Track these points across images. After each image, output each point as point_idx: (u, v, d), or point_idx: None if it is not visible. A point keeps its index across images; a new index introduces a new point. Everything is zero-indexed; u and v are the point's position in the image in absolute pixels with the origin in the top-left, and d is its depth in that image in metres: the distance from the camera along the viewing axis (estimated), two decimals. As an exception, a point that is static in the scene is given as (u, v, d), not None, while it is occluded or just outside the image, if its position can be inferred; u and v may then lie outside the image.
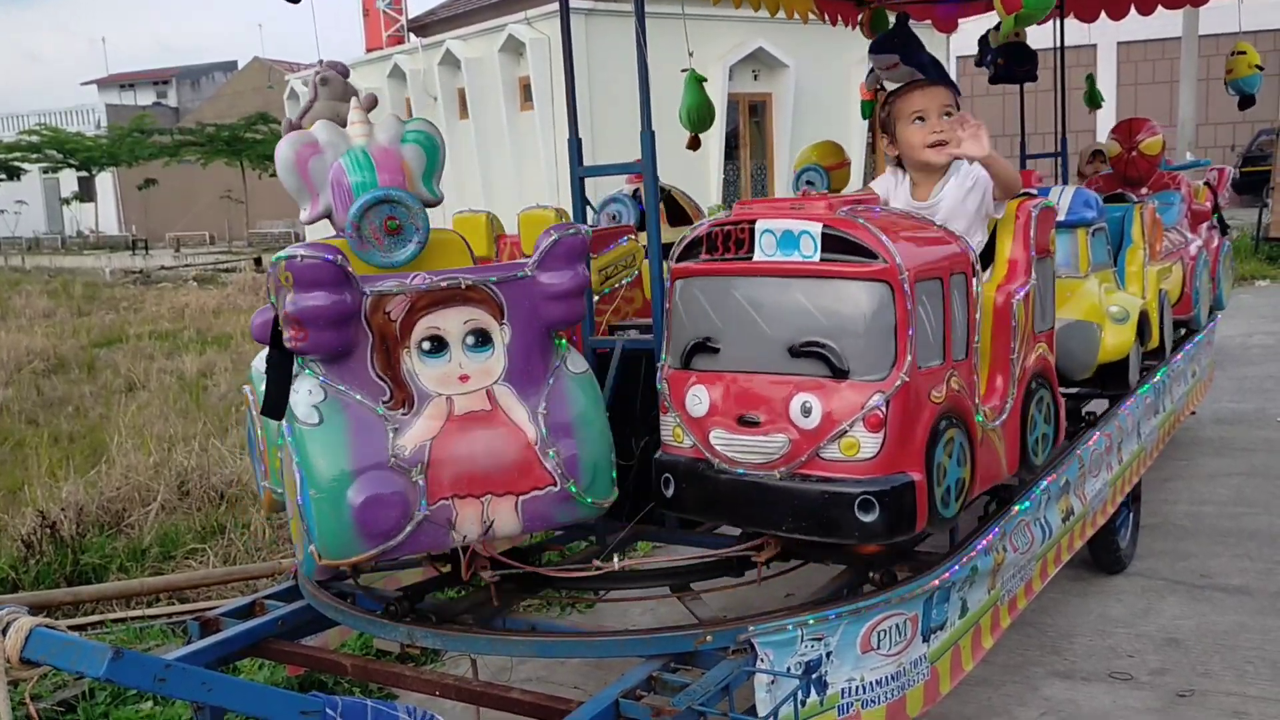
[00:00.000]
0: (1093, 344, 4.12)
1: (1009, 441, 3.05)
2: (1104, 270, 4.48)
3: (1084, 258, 4.30)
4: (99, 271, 27.47)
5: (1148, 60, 26.59)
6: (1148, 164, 5.96)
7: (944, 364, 2.66)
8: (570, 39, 3.45)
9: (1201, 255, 5.76)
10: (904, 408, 2.51)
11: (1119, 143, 6.01)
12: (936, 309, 2.64)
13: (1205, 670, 3.81)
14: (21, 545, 5.17)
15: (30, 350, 12.18)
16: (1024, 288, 3.15)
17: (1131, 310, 4.32)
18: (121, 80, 59.47)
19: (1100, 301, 4.23)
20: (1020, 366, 3.10)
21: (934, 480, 2.59)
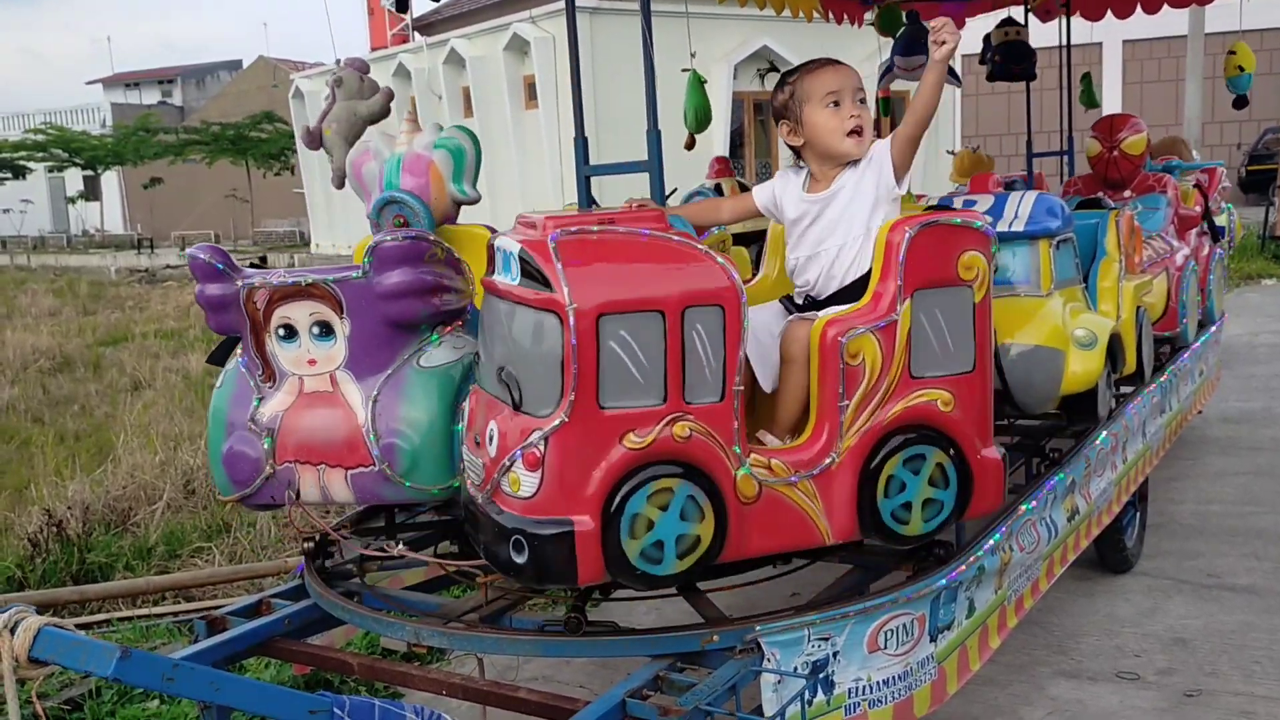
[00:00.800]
0: (1054, 373, 3.66)
1: (835, 501, 2.59)
2: (1071, 287, 4.01)
3: (1046, 273, 3.83)
4: (104, 270, 27.53)
5: (1153, 58, 26.53)
6: (1130, 164, 5.59)
7: (663, 406, 2.34)
8: (576, 38, 3.45)
9: (1189, 265, 5.33)
10: (567, 449, 2.30)
11: (1099, 141, 5.62)
12: (652, 346, 2.33)
13: (1213, 670, 3.80)
14: (28, 544, 5.19)
15: (36, 349, 12.21)
16: (873, 325, 2.58)
17: (1100, 333, 3.81)
18: (127, 79, 59.58)
19: (1065, 324, 3.75)
20: (867, 416, 2.58)
21: (623, 531, 2.33)
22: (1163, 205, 5.51)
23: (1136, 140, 5.54)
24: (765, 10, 6.24)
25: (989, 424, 2.76)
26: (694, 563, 2.42)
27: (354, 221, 25.58)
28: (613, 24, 16.88)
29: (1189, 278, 5.28)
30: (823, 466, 2.54)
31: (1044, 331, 3.67)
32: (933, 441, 2.62)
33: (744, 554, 2.53)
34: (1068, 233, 3.95)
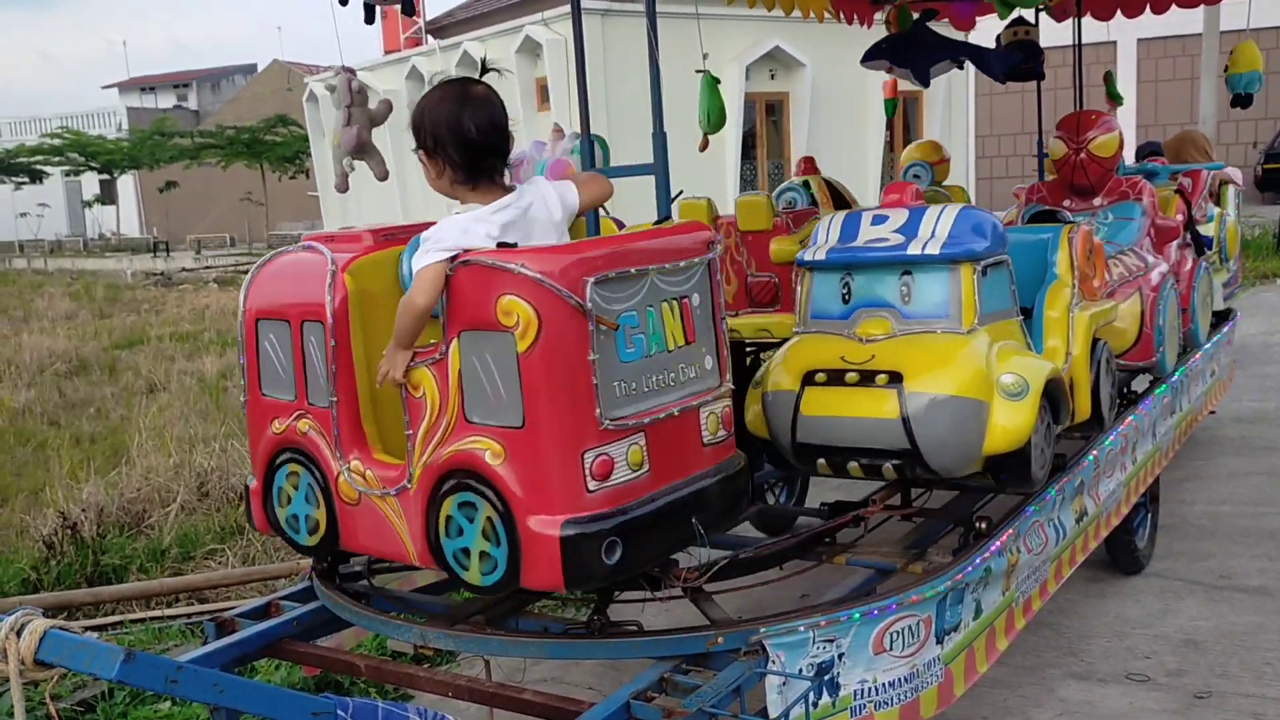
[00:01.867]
0: (974, 429, 3.02)
1: (412, 525, 2.53)
2: (1004, 320, 3.32)
3: (969, 305, 3.16)
4: (120, 274, 27.70)
5: (1168, 57, 26.37)
6: (1100, 168, 4.92)
7: (295, 402, 2.77)
8: (582, 42, 3.45)
9: (1166, 284, 4.62)
10: (250, 422, 2.93)
11: (1064, 142, 4.97)
12: (286, 349, 2.77)
13: (1223, 671, 3.79)
14: (43, 546, 5.23)
15: (52, 352, 12.30)
16: (428, 360, 2.44)
17: (1034, 380, 3.12)
18: (142, 83, 59.93)
19: (990, 368, 3.08)
20: (430, 450, 2.46)
21: (275, 499, 2.86)
22: (1137, 215, 4.82)
23: (1107, 140, 4.89)
24: (775, 11, 6.24)
25: (551, 492, 2.32)
26: (319, 542, 2.78)
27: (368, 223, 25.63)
28: (625, 25, 16.88)
29: (1166, 299, 4.57)
30: (399, 488, 2.54)
31: (961, 378, 3.03)
32: (480, 493, 2.38)
33: (356, 549, 2.78)
34: (999, 255, 3.29)
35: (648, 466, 2.44)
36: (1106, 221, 4.74)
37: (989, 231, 3.24)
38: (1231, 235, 6.28)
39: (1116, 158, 4.99)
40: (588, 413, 2.32)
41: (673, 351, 2.54)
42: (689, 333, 2.58)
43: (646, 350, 2.47)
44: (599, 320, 2.33)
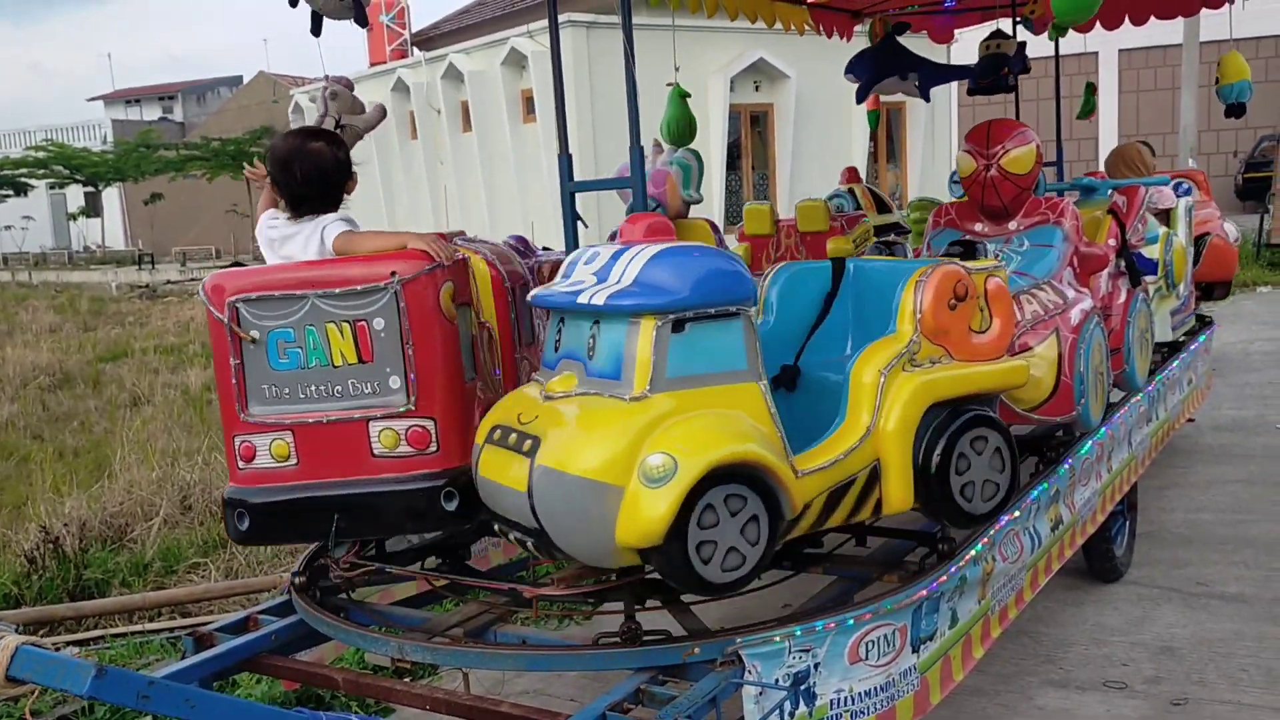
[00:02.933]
0: (594, 515, 2.48)
1: None
2: (717, 387, 2.62)
3: (644, 365, 2.55)
4: (105, 286, 27.57)
5: (1149, 67, 26.58)
6: (1013, 187, 4.24)
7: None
8: (559, 57, 3.49)
9: (1090, 324, 3.98)
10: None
11: (972, 156, 4.31)
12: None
13: (1200, 679, 3.82)
14: (25, 560, 5.21)
15: (36, 365, 12.24)
16: None
17: (691, 464, 2.45)
18: (127, 95, 59.75)
19: (637, 444, 2.48)
20: None
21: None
22: (1057, 241, 4.19)
23: (1021, 154, 4.21)
24: (759, 24, 6.29)
25: (230, 464, 2.90)
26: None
27: (354, 236, 25.59)
28: (608, 38, 16.93)
29: (1089, 341, 3.94)
30: None
31: (591, 455, 2.49)
32: None
33: None
34: (705, 308, 2.60)
35: (295, 460, 2.80)
36: (1021, 249, 4.09)
37: (692, 279, 2.59)
38: (1179, 258, 5.58)
39: (1033, 175, 4.30)
40: (233, 407, 2.85)
41: (339, 367, 2.79)
42: (364, 352, 2.79)
43: (304, 362, 2.80)
44: (234, 332, 2.79)
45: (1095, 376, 4.01)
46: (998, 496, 3.04)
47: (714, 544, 2.52)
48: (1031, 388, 3.55)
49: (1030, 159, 4.25)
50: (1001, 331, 3.09)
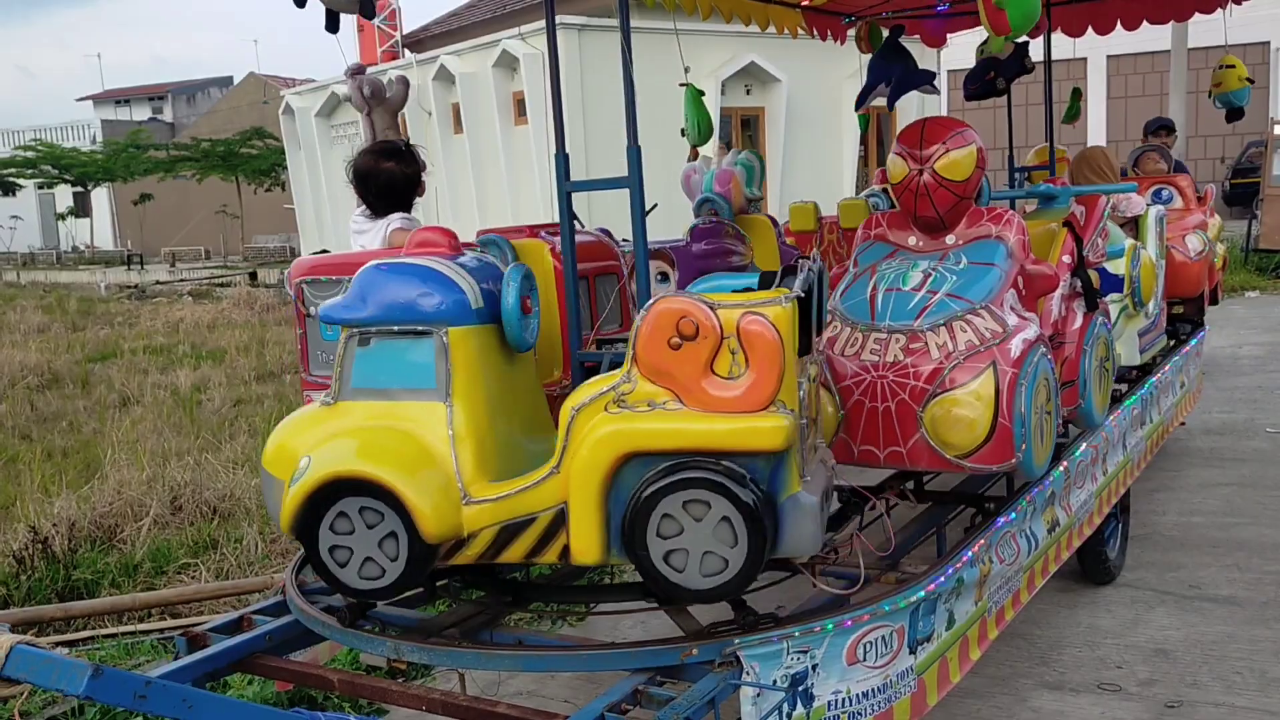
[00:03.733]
0: (273, 507, 2.75)
1: None
2: (399, 402, 2.64)
3: (336, 374, 2.72)
4: (94, 286, 27.46)
5: (1137, 73, 26.72)
6: (949, 195, 3.58)
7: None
8: (556, 56, 3.47)
9: (1033, 356, 3.27)
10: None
11: (904, 159, 3.64)
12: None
13: (1194, 681, 3.83)
14: (13, 561, 5.17)
15: (24, 365, 12.17)
16: None
17: (316, 469, 2.56)
18: (117, 96, 59.55)
19: (304, 445, 2.66)
20: None
21: None
22: (999, 259, 3.51)
23: (958, 159, 3.54)
24: (751, 27, 6.29)
25: None
26: None
27: (343, 237, 25.53)
28: (601, 40, 16.94)
29: (1032, 376, 3.25)
30: None
31: (272, 449, 2.79)
32: None
33: None
34: (388, 325, 2.66)
35: None
36: (957, 267, 3.47)
37: (378, 297, 2.66)
38: (1148, 273, 5.11)
39: (973, 181, 3.62)
40: (306, 366, 3.40)
41: None
42: None
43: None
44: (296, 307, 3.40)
45: (1040, 417, 3.33)
46: (725, 574, 2.46)
47: (349, 550, 2.57)
48: (964, 430, 3.13)
49: (970, 163, 3.56)
50: (757, 382, 2.45)
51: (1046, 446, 3.45)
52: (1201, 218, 6.81)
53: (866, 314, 3.42)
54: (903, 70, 6.29)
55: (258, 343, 13.74)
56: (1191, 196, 6.95)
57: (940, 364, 3.21)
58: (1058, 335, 3.89)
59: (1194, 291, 6.42)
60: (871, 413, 3.27)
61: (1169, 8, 6.12)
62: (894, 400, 3.24)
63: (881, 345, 3.31)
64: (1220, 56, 6.52)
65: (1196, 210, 6.89)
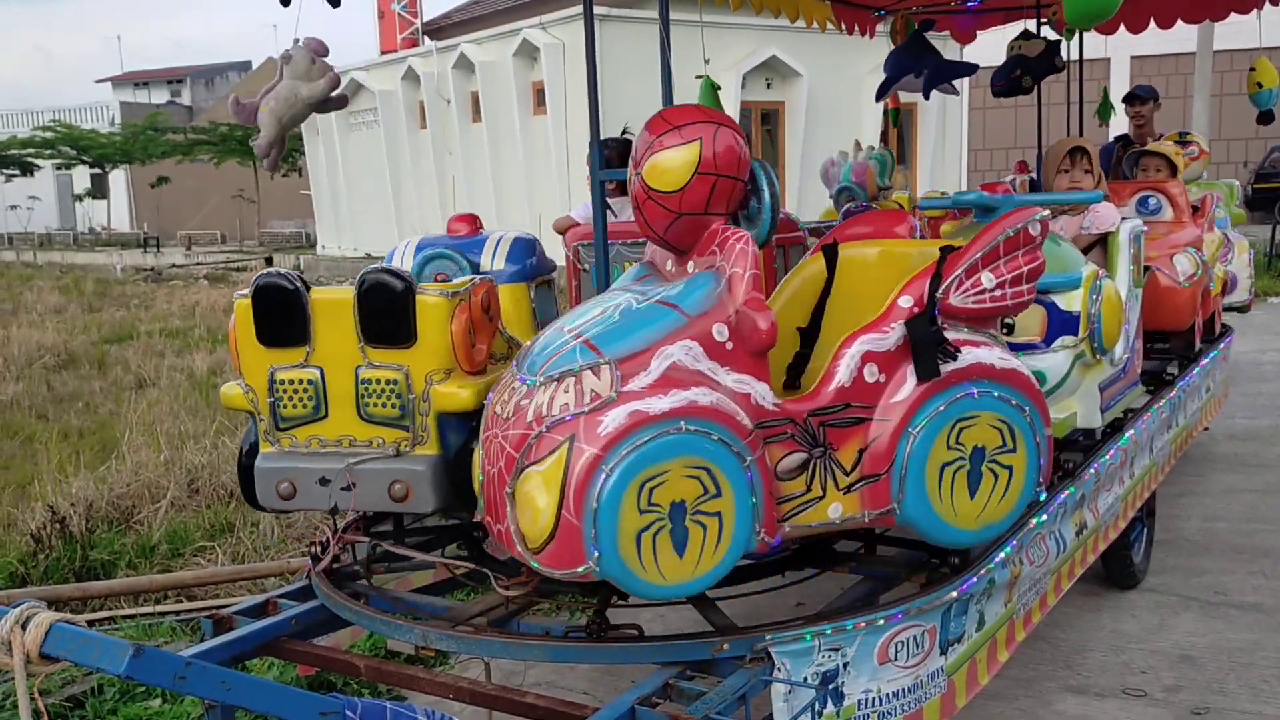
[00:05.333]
0: None
1: None
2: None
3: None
4: (110, 268, 27.57)
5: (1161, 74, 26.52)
6: (660, 211, 2.68)
7: None
8: (594, 45, 3.44)
9: (642, 435, 2.39)
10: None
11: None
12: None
13: (1220, 688, 3.79)
14: (31, 540, 5.18)
15: (41, 345, 12.21)
16: None
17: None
18: (136, 78, 59.70)
19: None
20: None
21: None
22: (691, 298, 2.60)
23: (664, 162, 2.65)
24: (779, 19, 6.25)
25: None
26: None
27: (360, 224, 25.61)
28: (622, 31, 16.89)
29: (643, 459, 2.40)
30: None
31: None
32: None
33: None
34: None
35: None
36: (639, 304, 2.64)
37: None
38: (1112, 309, 3.85)
39: (694, 194, 2.64)
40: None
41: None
42: None
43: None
44: (572, 263, 4.09)
45: (669, 520, 2.40)
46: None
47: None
48: (529, 519, 2.42)
49: (684, 169, 2.63)
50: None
51: (690, 562, 2.43)
52: (1196, 233, 5.51)
53: (522, 354, 2.73)
54: (935, 62, 6.23)
55: (274, 327, 13.73)
56: (1184, 206, 5.58)
57: (529, 429, 2.47)
58: (864, 406, 2.69)
59: (1183, 323, 5.12)
60: (488, 477, 2.61)
61: (1205, 7, 6.06)
62: (494, 467, 2.56)
63: (508, 396, 2.61)
64: (1248, 59, 6.49)
65: (1190, 224, 5.53)
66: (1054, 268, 3.46)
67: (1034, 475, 2.82)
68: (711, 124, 2.68)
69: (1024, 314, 3.43)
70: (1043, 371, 3.52)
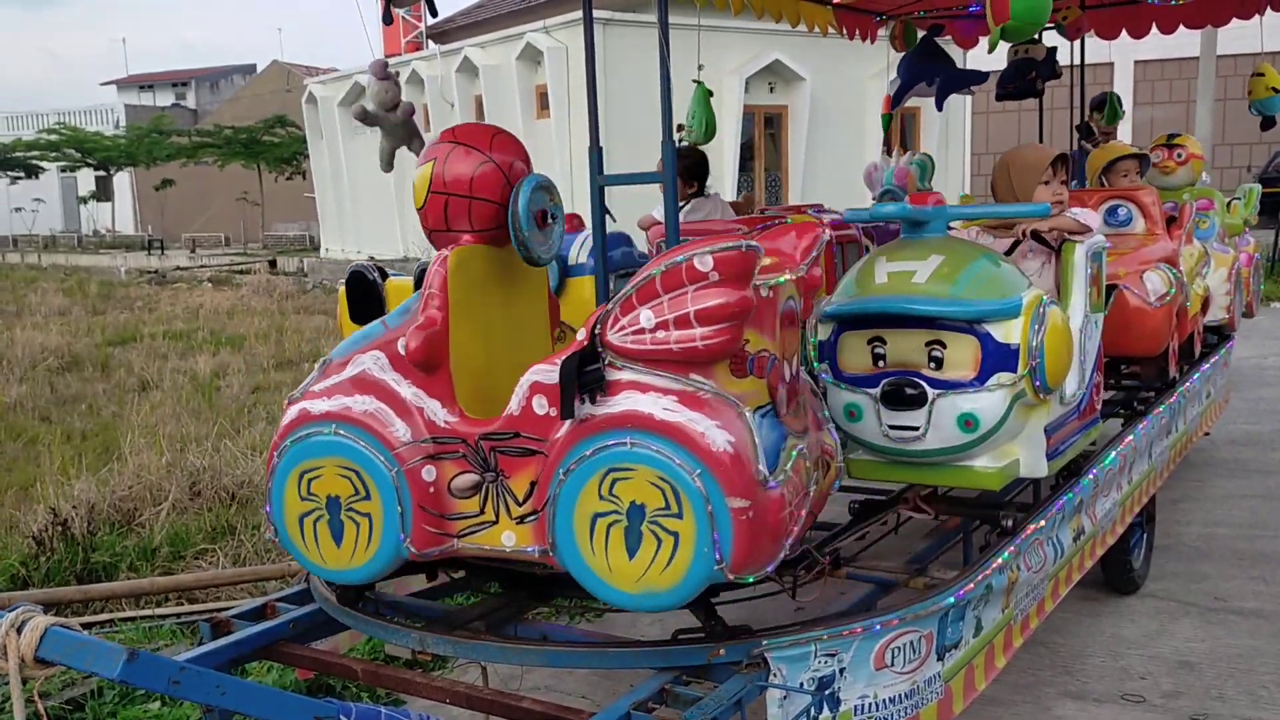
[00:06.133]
0: None
1: None
2: None
3: None
4: (114, 270, 27.61)
5: (1164, 79, 26.55)
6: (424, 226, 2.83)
7: None
8: (593, 50, 3.45)
9: None
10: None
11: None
12: None
13: (1219, 694, 3.78)
14: (33, 542, 5.19)
15: (45, 347, 12.24)
16: None
17: None
18: (141, 81, 59.85)
19: None
20: None
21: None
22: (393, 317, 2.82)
23: (417, 181, 2.79)
24: (780, 24, 6.25)
25: None
26: None
27: (363, 227, 25.64)
28: (625, 35, 16.91)
29: None
30: None
31: None
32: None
33: None
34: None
35: None
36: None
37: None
38: (1058, 341, 3.21)
39: (430, 211, 2.76)
40: None
41: None
42: None
43: None
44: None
45: (314, 511, 2.68)
46: None
47: None
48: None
49: (422, 186, 2.76)
50: None
51: (346, 553, 2.64)
52: (1171, 246, 4.98)
53: None
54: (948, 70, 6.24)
55: (277, 330, 13.78)
56: (1158, 217, 5.01)
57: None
58: (526, 434, 2.54)
59: (1154, 348, 4.60)
60: None
61: (1206, 12, 6.06)
62: None
63: None
64: (1251, 64, 6.47)
65: (1164, 236, 5.01)
66: (989, 292, 3.11)
67: (705, 550, 2.32)
68: (448, 144, 2.78)
69: (955, 346, 3.08)
70: (974, 414, 3.09)
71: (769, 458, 2.40)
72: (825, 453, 2.79)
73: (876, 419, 3.17)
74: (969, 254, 3.27)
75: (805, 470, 2.56)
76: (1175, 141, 6.21)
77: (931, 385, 3.10)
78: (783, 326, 2.61)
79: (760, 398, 2.49)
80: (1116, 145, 5.89)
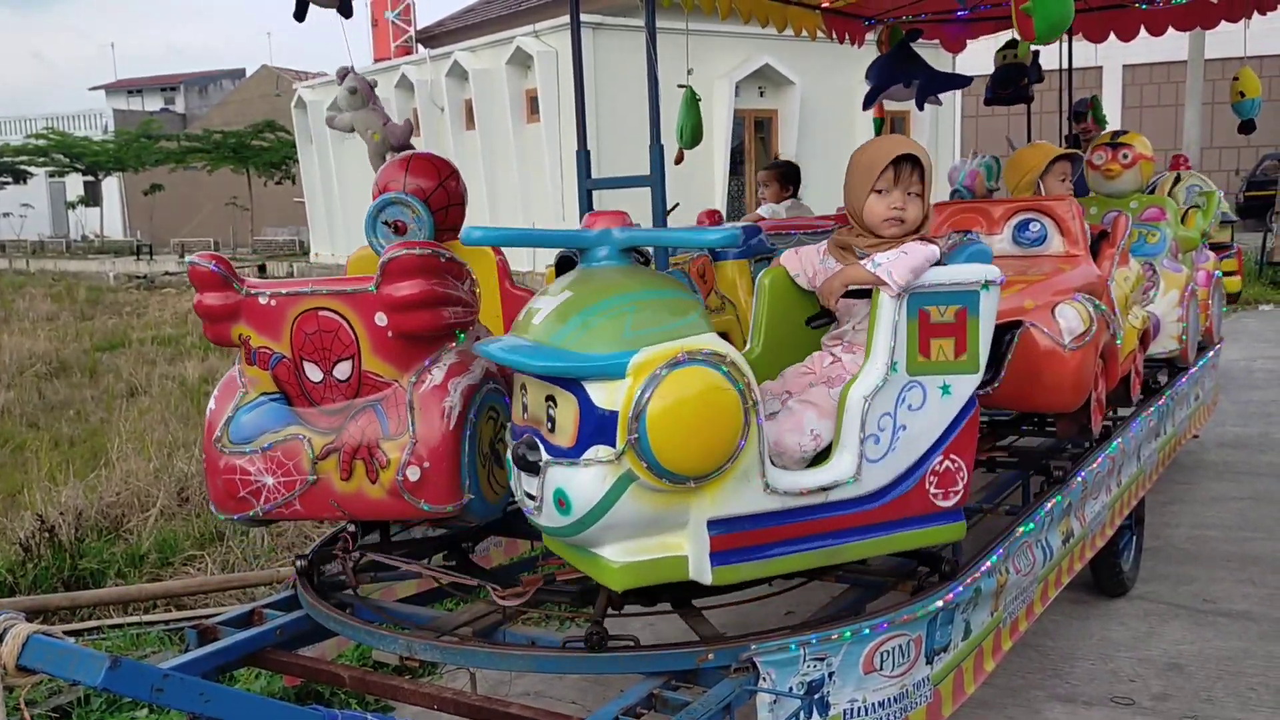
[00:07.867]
0: None
1: None
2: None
3: None
4: (103, 276, 27.52)
5: (1153, 83, 26.67)
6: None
7: None
8: (580, 53, 3.45)
9: None
10: None
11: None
12: None
13: (1208, 696, 3.79)
14: (19, 549, 5.15)
15: (33, 353, 12.19)
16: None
17: None
18: (130, 86, 59.73)
19: None
20: None
21: None
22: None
23: None
24: (766, 29, 6.27)
25: None
26: None
27: (353, 231, 25.60)
28: (615, 39, 16.94)
29: None
30: None
31: None
32: None
33: None
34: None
35: None
36: None
37: None
38: (686, 415, 2.32)
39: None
40: None
41: None
42: None
43: None
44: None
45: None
46: None
47: None
48: None
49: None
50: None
51: None
52: (1093, 272, 4.04)
53: None
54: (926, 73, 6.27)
55: (266, 335, 13.71)
56: (1078, 234, 4.09)
57: None
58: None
59: (1068, 400, 3.67)
60: None
61: (1195, 15, 6.09)
62: None
63: None
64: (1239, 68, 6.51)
65: (1085, 258, 4.07)
66: (593, 342, 2.32)
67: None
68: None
69: (563, 406, 2.35)
70: (564, 491, 2.34)
71: (242, 429, 2.94)
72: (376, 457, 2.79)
73: (518, 481, 2.55)
74: (615, 288, 2.42)
75: (306, 456, 2.85)
76: (1121, 140, 5.35)
77: (546, 449, 2.39)
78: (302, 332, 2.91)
79: (266, 384, 2.96)
80: (1043, 145, 4.87)
